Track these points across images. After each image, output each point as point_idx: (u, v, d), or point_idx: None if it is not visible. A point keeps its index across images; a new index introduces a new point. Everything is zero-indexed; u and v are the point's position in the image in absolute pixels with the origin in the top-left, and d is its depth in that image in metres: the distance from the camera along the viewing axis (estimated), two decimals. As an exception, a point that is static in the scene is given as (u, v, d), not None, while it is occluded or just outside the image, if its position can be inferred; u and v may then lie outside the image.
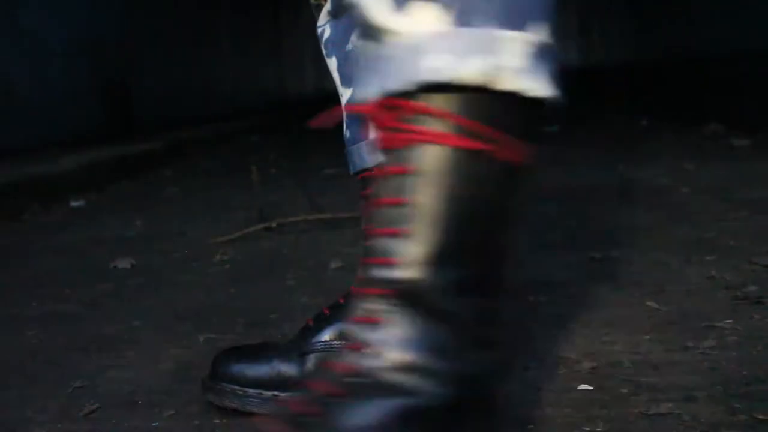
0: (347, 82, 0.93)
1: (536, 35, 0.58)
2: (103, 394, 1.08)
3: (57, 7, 4.46)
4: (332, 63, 0.94)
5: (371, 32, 0.59)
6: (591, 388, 0.98)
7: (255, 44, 8.60)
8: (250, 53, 8.33)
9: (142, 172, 3.86)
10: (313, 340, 0.94)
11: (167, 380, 1.11)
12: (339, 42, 0.93)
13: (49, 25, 4.34)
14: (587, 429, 0.87)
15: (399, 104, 0.58)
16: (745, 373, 0.99)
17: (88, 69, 4.76)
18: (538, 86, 0.58)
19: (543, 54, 0.58)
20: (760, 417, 0.86)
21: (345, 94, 0.93)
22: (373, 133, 0.81)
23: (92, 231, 2.40)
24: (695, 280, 1.38)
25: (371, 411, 0.58)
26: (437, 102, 0.57)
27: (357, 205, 2.37)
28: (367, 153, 0.90)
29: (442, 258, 0.59)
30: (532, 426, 0.89)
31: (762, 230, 1.70)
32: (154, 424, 0.98)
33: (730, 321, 1.17)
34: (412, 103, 0.58)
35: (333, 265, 1.69)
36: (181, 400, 1.03)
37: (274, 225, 2.13)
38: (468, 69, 0.56)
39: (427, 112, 0.58)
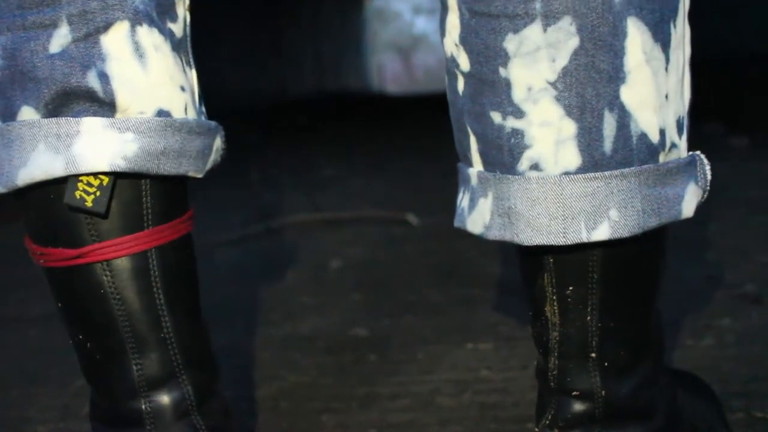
0: None
1: None
2: (104, 394, 1.08)
3: (57, 8, 4.45)
4: None
5: None
6: (590, 386, 0.98)
7: (255, 44, 8.60)
8: (250, 53, 8.33)
9: (142, 172, 3.85)
10: None
11: (168, 379, 1.11)
12: None
13: (49, 25, 4.34)
14: (586, 427, 0.87)
15: None
16: (743, 371, 0.99)
17: (88, 69, 4.75)
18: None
19: None
20: (758, 415, 0.87)
21: None
22: None
23: (93, 231, 2.39)
24: (694, 280, 1.38)
25: None
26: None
27: (357, 205, 2.37)
28: None
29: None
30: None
31: (761, 230, 1.71)
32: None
33: (729, 320, 1.17)
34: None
35: (333, 265, 1.69)
36: (182, 400, 1.03)
37: (274, 225, 2.13)
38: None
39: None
